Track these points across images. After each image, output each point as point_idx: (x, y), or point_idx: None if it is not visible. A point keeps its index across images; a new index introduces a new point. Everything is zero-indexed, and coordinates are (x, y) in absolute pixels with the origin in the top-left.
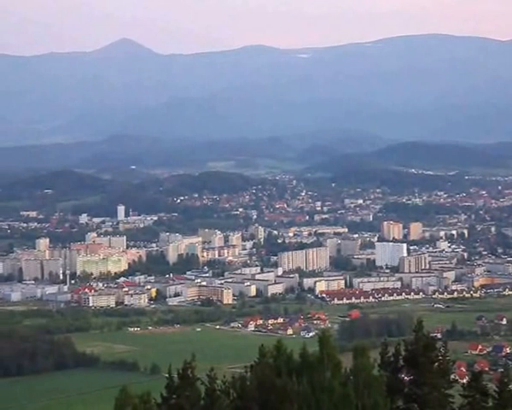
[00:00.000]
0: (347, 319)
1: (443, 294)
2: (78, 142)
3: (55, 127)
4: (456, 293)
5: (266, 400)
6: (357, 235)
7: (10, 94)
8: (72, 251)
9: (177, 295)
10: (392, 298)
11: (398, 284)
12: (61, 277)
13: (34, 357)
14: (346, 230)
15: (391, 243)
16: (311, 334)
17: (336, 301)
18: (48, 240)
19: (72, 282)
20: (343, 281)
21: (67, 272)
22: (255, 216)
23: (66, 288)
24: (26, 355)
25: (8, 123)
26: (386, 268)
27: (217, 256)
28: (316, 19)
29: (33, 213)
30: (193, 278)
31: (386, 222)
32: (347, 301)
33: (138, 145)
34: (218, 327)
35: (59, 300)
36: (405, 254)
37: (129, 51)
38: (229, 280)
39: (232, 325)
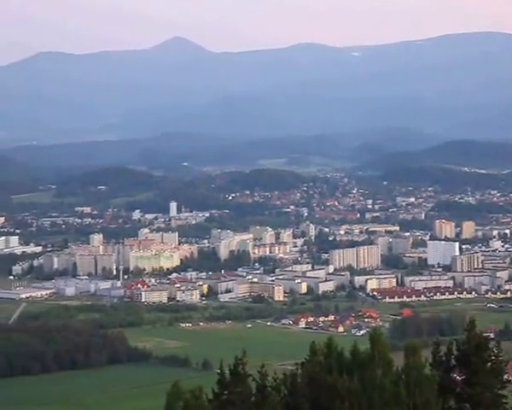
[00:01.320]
0: (399, 317)
1: (496, 293)
2: (132, 139)
3: (109, 125)
4: (509, 293)
5: (317, 397)
6: (408, 233)
7: (64, 93)
8: (126, 247)
9: (228, 291)
10: (444, 297)
11: (451, 283)
12: (115, 272)
13: (88, 351)
14: (398, 228)
15: (443, 242)
16: (362, 332)
17: (387, 299)
18: (101, 236)
19: (125, 277)
20: (394, 279)
21: (120, 267)
22: (306, 213)
23: (119, 283)
24: (80, 349)
25: (63, 121)
26: (438, 267)
27: (268, 253)
28: (367, 16)
29: (87, 209)
30: (244, 274)
31: (438, 221)
32: (399, 300)
33: (190, 142)
34: (268, 324)
35: (112, 295)
36: (458, 253)
37: (181, 49)
38: (280, 277)
39: (283, 321)
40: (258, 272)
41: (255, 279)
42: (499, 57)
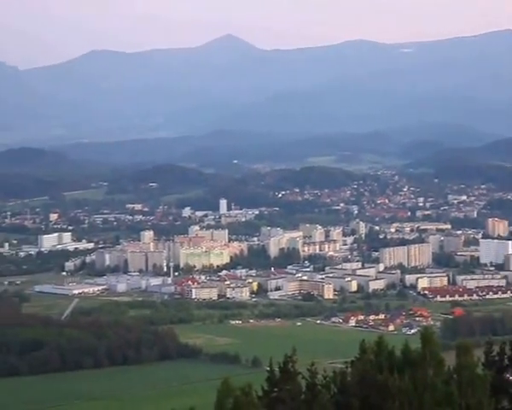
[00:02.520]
0: (450, 316)
1: None
2: (182, 136)
3: (160, 122)
4: None
5: (367, 396)
6: (460, 232)
7: (115, 90)
8: (176, 244)
9: (277, 289)
10: (496, 296)
11: (503, 283)
12: (165, 269)
13: (139, 347)
14: (449, 226)
15: (495, 241)
16: (412, 331)
17: (439, 298)
18: (152, 232)
19: (176, 274)
20: (446, 278)
21: (171, 264)
22: (356, 211)
23: (169, 280)
24: (132, 345)
25: (115, 119)
26: (491, 266)
27: (317, 251)
28: (418, 12)
29: (138, 206)
30: (294, 272)
31: (490, 219)
32: (450, 299)
33: (241, 140)
34: (318, 322)
35: (163, 291)
36: (510, 252)
37: (231, 47)
38: (330, 275)
39: (333, 320)
40: (307, 269)
41: (305, 277)
42: None
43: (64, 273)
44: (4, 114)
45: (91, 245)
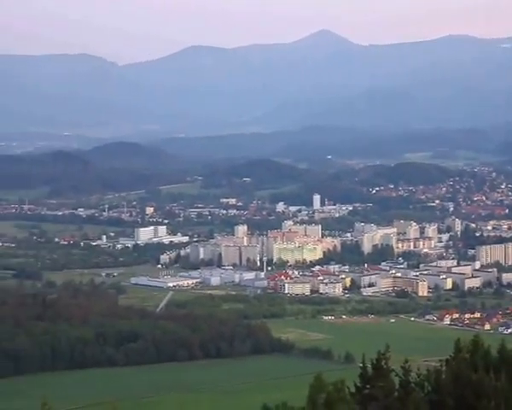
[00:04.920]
0: None
1: None
2: (277, 132)
3: (256, 117)
4: None
5: (462, 395)
6: None
7: (212, 85)
8: (269, 238)
9: (371, 285)
10: None
11: None
12: (258, 263)
13: (232, 341)
14: None
15: None
16: (509, 330)
17: None
18: (246, 227)
19: (269, 269)
20: None
21: (264, 258)
22: (452, 208)
23: (262, 274)
24: (225, 339)
25: (210, 114)
26: None
27: (412, 248)
28: None
29: (232, 201)
30: (387, 268)
31: None
32: None
33: (335, 135)
34: (412, 319)
35: (256, 286)
36: None
37: (327, 43)
38: (425, 272)
39: (427, 317)
40: (401, 266)
41: (399, 274)
42: None
43: (159, 266)
44: (103, 108)
45: (186, 239)
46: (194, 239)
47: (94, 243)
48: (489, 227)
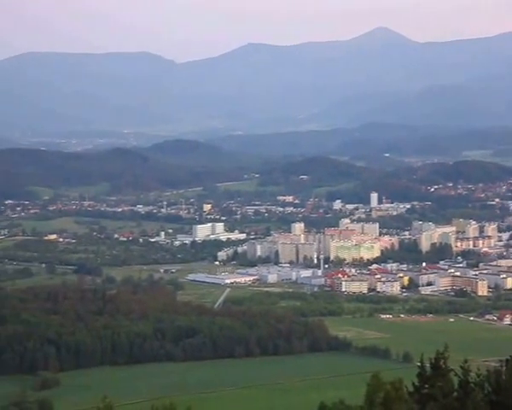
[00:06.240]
0: None
1: None
2: (333, 129)
3: (313, 115)
4: None
5: None
6: None
7: (268, 83)
8: (326, 236)
9: (429, 284)
10: None
11: None
12: (315, 261)
13: (289, 338)
14: None
15: None
16: None
17: None
18: (303, 224)
19: (326, 266)
20: None
21: (321, 256)
22: None
23: (319, 272)
24: (282, 336)
25: (267, 111)
26: None
27: (471, 247)
28: None
29: (289, 198)
30: (446, 267)
31: None
32: None
33: (392, 133)
34: (471, 319)
35: (313, 283)
36: None
37: (385, 39)
38: (484, 271)
39: (487, 317)
40: (460, 265)
41: (457, 273)
42: None
43: (217, 263)
44: (161, 106)
45: (243, 236)
46: (251, 236)
47: (152, 240)
48: None
